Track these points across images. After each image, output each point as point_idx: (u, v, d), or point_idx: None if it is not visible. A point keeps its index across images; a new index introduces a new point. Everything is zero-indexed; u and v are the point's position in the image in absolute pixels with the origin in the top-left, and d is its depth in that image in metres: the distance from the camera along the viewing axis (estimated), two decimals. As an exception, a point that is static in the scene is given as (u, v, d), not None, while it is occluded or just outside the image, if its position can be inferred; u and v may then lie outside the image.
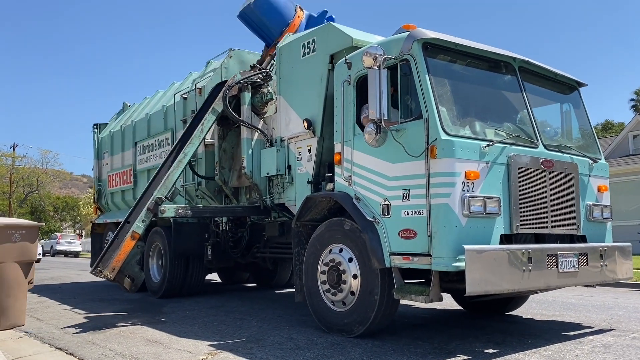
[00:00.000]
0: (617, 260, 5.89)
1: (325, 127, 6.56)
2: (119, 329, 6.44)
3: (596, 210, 6.07)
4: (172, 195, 7.97)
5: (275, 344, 5.41)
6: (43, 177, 59.02)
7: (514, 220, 5.12)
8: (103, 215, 12.62)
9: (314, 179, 6.70)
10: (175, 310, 7.90)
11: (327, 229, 6.00)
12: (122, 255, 7.50)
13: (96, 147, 13.00)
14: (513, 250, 4.87)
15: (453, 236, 4.76)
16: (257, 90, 8.13)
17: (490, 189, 5.02)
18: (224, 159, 8.59)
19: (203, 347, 5.34)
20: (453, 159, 4.86)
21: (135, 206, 7.98)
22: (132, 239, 7.52)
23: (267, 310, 7.83)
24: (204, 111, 8.17)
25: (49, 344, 5.68)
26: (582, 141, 6.65)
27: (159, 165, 8.39)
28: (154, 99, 11.61)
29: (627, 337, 5.67)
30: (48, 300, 9.51)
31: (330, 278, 5.82)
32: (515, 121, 5.82)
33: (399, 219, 5.17)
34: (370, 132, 5.15)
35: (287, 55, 7.35)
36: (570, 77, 6.61)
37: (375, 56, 5.09)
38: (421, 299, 4.93)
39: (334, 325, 5.80)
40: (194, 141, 7.95)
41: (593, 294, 9.59)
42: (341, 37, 6.53)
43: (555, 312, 7.49)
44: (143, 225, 7.59)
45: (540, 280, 5.06)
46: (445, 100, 5.26)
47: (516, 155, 5.24)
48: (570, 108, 6.62)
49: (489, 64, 5.81)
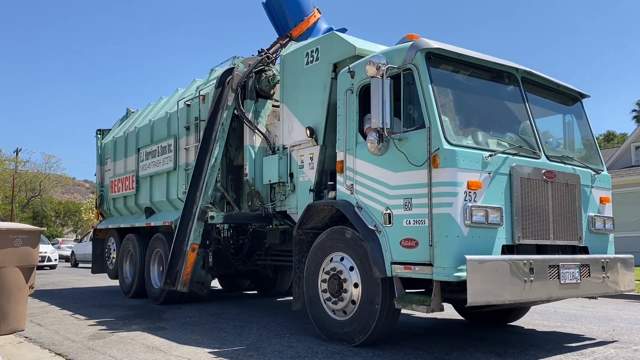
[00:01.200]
0: (619, 272, 5.87)
1: (328, 136, 6.58)
2: (119, 335, 6.43)
3: (598, 222, 6.06)
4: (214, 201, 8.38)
5: (275, 352, 5.39)
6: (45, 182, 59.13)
7: (516, 231, 5.12)
8: (105, 220, 12.61)
9: (316, 187, 6.71)
10: (176, 317, 7.89)
11: (328, 237, 6.00)
12: (189, 269, 8.19)
13: (99, 153, 13.01)
14: (515, 261, 4.86)
15: (455, 246, 4.75)
16: (262, 74, 8.33)
17: (492, 199, 5.02)
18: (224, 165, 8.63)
19: (203, 355, 5.33)
20: (455, 169, 4.86)
21: (183, 217, 8.44)
22: (192, 251, 8.15)
23: (268, 318, 7.81)
24: (217, 109, 8.33)
25: (48, 350, 5.67)
26: (585, 152, 6.65)
27: (192, 168, 8.64)
28: (157, 106, 11.63)
29: (629, 349, 5.64)
30: (49, 306, 9.51)
31: (331, 286, 5.81)
32: (517, 131, 5.83)
33: (400, 228, 5.17)
34: (373, 140, 5.16)
35: (291, 63, 7.38)
36: (573, 88, 6.62)
37: (379, 65, 5.11)
38: (422, 308, 4.92)
39: (334, 334, 5.79)
40: (220, 142, 8.18)
41: (595, 305, 9.54)
42: (345, 46, 6.56)
43: (556, 323, 7.46)
44: (199, 235, 8.15)
45: (542, 291, 5.05)
46: (448, 110, 5.27)
47: (518, 165, 5.25)
48: (573, 119, 6.63)
49: (492, 74, 5.82)
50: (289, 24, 9.09)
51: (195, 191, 8.31)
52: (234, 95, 8.09)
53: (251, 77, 8.26)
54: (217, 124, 8.22)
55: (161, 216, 9.97)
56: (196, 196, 8.26)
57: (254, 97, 8.22)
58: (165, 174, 9.84)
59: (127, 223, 11.15)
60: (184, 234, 8.30)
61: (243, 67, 8.33)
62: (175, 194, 9.47)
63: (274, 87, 8.34)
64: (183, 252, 8.22)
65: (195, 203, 8.22)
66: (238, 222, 8.68)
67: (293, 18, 9.07)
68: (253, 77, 8.29)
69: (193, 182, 8.41)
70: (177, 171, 9.46)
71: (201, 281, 8.64)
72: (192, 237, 8.11)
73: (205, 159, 8.28)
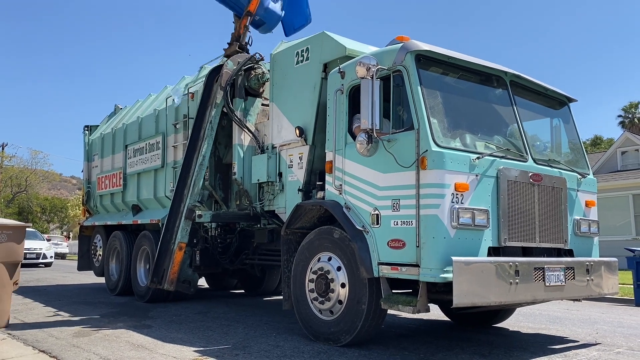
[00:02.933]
0: (603, 275, 5.94)
1: (317, 136, 6.58)
2: (104, 333, 6.38)
3: (583, 225, 6.12)
4: (202, 199, 8.37)
5: (261, 351, 5.39)
6: (32, 178, 58.46)
7: (502, 233, 5.15)
8: (91, 217, 12.52)
9: (304, 186, 6.71)
10: (162, 315, 7.85)
11: (316, 237, 6.00)
12: (176, 267, 8.17)
13: (86, 149, 12.91)
14: (501, 263, 4.89)
15: (441, 247, 4.77)
16: (251, 72, 8.30)
17: (479, 201, 5.05)
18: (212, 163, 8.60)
19: (189, 353, 5.31)
20: (443, 171, 4.88)
21: (170, 215, 8.36)
22: (179, 250, 8.13)
23: (254, 317, 7.79)
24: (205, 106, 8.29)
25: (32, 347, 5.61)
26: (571, 156, 6.71)
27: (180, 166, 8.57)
28: (146, 102, 11.56)
29: (611, 351, 5.71)
30: (33, 302, 9.41)
31: (318, 286, 5.81)
32: (505, 134, 5.87)
33: (388, 229, 5.19)
34: (362, 141, 5.17)
35: (281, 62, 7.37)
36: (561, 92, 6.68)
37: (369, 66, 5.13)
38: (408, 309, 4.94)
39: (321, 334, 5.79)
40: (208, 140, 8.12)
41: (579, 308, 9.64)
42: (335, 46, 6.57)
43: (541, 325, 7.52)
44: (186, 234, 8.12)
45: (527, 293, 5.09)
46: (437, 112, 5.29)
47: (505, 168, 5.28)
48: (560, 123, 6.69)
49: (481, 77, 5.86)
50: (242, 2, 8.74)
51: (182, 189, 8.27)
52: (222, 93, 8.06)
53: (240, 74, 8.23)
54: (206, 121, 8.18)
55: (148, 214, 9.91)
56: (184, 194, 8.22)
57: (243, 95, 8.20)
58: (153, 171, 9.79)
59: (114, 220, 11.08)
60: (171, 232, 8.25)
61: (232, 64, 8.30)
62: (163, 191, 9.43)
63: (263, 85, 8.31)
64: (170, 251, 8.18)
65: (183, 201, 8.17)
66: (226, 221, 8.66)
67: None
68: (242, 74, 8.26)
69: (181, 180, 8.37)
70: (165, 169, 9.42)
71: (188, 280, 8.65)
72: (180, 236, 8.07)
73: (193, 157, 8.24)
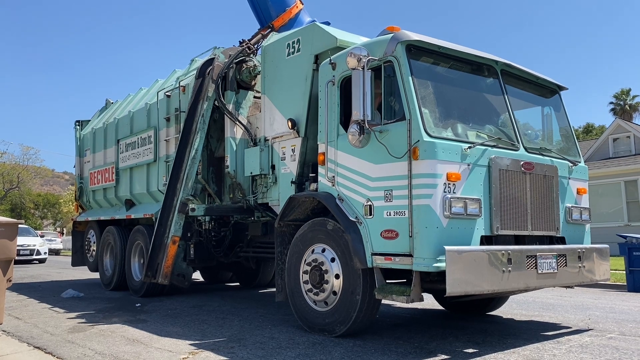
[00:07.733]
0: (595, 262, 5.99)
1: (310, 127, 6.57)
2: (99, 328, 6.38)
3: (575, 212, 6.17)
4: (195, 193, 8.38)
5: (256, 343, 5.41)
6: (24, 174, 58.04)
7: (495, 222, 5.18)
8: (84, 213, 12.47)
9: (297, 179, 6.71)
10: (157, 309, 7.86)
11: (310, 229, 6.01)
12: (170, 261, 8.17)
13: (78, 144, 12.84)
14: (493, 252, 4.92)
15: (434, 237, 4.80)
16: (243, 65, 8.29)
17: (471, 191, 5.08)
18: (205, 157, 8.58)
19: (184, 347, 5.32)
20: (435, 161, 4.90)
21: (163, 209, 8.37)
22: (173, 244, 8.14)
23: (249, 309, 7.81)
24: (197, 99, 8.27)
25: (27, 343, 5.61)
26: (563, 144, 6.74)
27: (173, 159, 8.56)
28: (137, 96, 11.50)
29: (603, 337, 5.77)
30: (27, 299, 9.40)
31: (312, 278, 5.83)
32: (496, 124, 5.89)
33: (381, 220, 5.20)
34: (354, 133, 5.17)
35: (272, 54, 7.34)
36: (552, 80, 6.70)
37: (360, 57, 5.12)
38: (402, 299, 4.97)
39: (315, 325, 5.82)
40: (200, 134, 8.12)
41: (572, 294, 9.73)
42: (326, 37, 6.55)
43: (534, 312, 7.59)
44: (180, 227, 8.12)
45: (519, 281, 5.13)
46: (428, 102, 5.30)
47: (497, 157, 5.30)
48: (551, 111, 6.71)
49: (472, 67, 5.86)
50: (271, 14, 9.02)
51: (175, 183, 8.26)
52: (214, 86, 8.04)
53: (232, 67, 8.21)
54: (198, 115, 8.17)
55: (142, 208, 9.89)
56: (177, 188, 8.21)
57: (235, 88, 8.18)
58: (146, 165, 9.75)
59: (107, 215, 11.05)
60: (165, 227, 8.25)
61: (224, 57, 8.27)
62: (156, 186, 9.41)
63: (255, 78, 8.30)
64: (164, 245, 8.19)
65: (176, 195, 8.17)
66: (219, 214, 8.65)
67: (275, 8, 9.02)
68: (234, 67, 8.23)
69: (173, 174, 8.36)
70: (158, 163, 9.39)
71: (182, 274, 8.69)
72: (173, 230, 8.07)
73: (185, 151, 8.23)
